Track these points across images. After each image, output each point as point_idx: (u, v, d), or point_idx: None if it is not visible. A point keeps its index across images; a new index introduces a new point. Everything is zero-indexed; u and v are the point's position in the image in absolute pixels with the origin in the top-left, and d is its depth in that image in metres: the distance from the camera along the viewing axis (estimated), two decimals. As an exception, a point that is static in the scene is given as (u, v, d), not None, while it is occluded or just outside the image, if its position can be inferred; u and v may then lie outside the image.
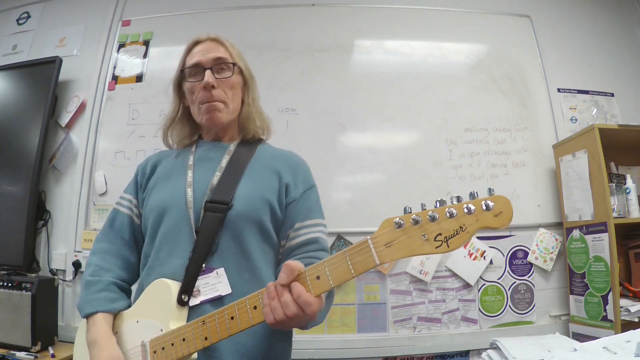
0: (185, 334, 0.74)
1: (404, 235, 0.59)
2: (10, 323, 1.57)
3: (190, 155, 0.96)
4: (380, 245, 0.60)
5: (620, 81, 2.06)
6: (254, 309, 0.69)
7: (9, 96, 2.00)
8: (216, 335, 0.71)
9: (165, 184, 0.92)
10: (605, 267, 1.51)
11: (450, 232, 0.57)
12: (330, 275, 0.64)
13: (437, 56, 1.99)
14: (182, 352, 0.74)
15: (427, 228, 0.58)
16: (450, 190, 1.83)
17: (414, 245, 0.59)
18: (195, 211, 0.85)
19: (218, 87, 0.93)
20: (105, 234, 0.97)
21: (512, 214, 0.57)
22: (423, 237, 0.58)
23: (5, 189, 1.91)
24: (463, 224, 0.57)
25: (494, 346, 1.18)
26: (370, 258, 0.61)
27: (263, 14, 2.04)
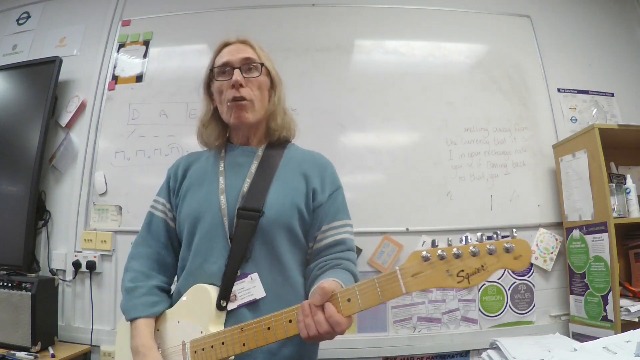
0: (225, 339, 0.80)
1: (430, 269, 0.66)
2: (10, 323, 1.57)
3: (220, 160, 0.99)
4: (407, 275, 0.67)
5: (620, 81, 2.06)
6: (289, 322, 0.75)
7: (9, 96, 2.00)
8: (254, 343, 0.78)
9: (198, 191, 0.96)
10: (605, 267, 1.51)
11: (472, 269, 0.64)
12: (360, 300, 0.70)
13: (437, 56, 1.99)
14: (220, 355, 0.80)
15: (452, 264, 0.65)
16: (450, 191, 1.83)
17: (438, 279, 0.65)
18: (229, 218, 0.89)
19: (246, 86, 0.95)
20: (143, 238, 1.01)
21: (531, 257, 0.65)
22: (447, 272, 0.65)
23: (5, 189, 1.91)
24: (484, 263, 0.64)
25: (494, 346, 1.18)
26: (398, 287, 0.68)
27: (263, 14, 2.04)
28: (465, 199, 1.83)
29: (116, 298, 1.79)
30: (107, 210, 1.86)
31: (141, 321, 0.89)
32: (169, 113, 1.93)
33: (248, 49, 1.01)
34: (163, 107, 1.94)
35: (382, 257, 1.74)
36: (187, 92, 1.95)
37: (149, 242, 1.00)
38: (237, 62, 0.97)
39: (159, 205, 1.02)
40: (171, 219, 1.01)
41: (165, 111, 1.93)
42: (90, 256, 1.79)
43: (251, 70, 0.97)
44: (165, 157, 1.88)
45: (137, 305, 0.91)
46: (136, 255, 1.00)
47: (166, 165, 1.84)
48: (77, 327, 1.78)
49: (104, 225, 1.85)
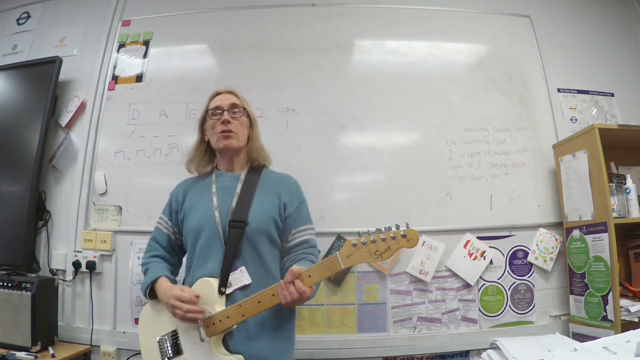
0: (229, 313, 1.14)
1: (356, 251, 1.06)
2: (10, 323, 1.57)
3: (212, 184, 1.30)
4: (343, 257, 1.07)
5: (620, 81, 2.06)
6: (272, 296, 1.12)
7: (9, 96, 2.00)
8: (249, 313, 1.13)
9: (197, 209, 1.27)
10: (605, 267, 1.51)
11: (383, 249, 1.04)
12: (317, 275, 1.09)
13: (437, 56, 1.99)
14: (227, 324, 1.14)
15: (369, 247, 1.04)
16: (450, 191, 1.83)
17: (363, 257, 1.05)
18: (223, 228, 1.21)
19: (232, 122, 1.28)
20: (150, 245, 1.35)
21: (417, 239, 1.04)
22: (367, 253, 1.05)
23: (5, 189, 1.91)
24: (389, 245, 1.03)
25: (494, 346, 1.18)
26: (338, 263, 1.07)
27: (263, 14, 2.04)
28: (465, 199, 1.83)
29: (116, 298, 1.79)
30: (107, 210, 1.86)
31: (162, 278, 1.22)
32: (169, 113, 1.93)
33: (233, 97, 1.33)
34: (163, 107, 1.94)
35: (382, 257, 1.74)
36: (187, 92, 1.95)
37: (156, 247, 1.34)
38: (226, 107, 1.29)
39: (163, 222, 1.36)
40: (172, 232, 1.34)
41: (165, 111, 1.93)
42: (90, 256, 1.79)
43: (236, 113, 1.30)
44: (165, 157, 1.88)
45: (156, 271, 1.24)
46: (147, 256, 1.32)
47: (166, 165, 1.87)
48: (77, 327, 1.78)
49: (104, 225, 1.85)
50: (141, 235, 1.81)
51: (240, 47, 2.00)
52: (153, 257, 1.31)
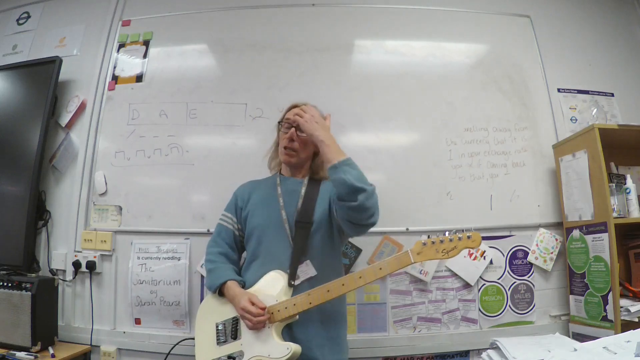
0: (295, 301, 1.22)
1: (426, 249, 1.18)
2: (10, 323, 1.57)
3: (277, 186, 1.41)
4: (414, 253, 1.19)
5: (620, 81, 2.06)
6: (342, 285, 1.20)
7: (9, 96, 2.00)
8: (317, 300, 1.20)
9: (264, 207, 1.37)
10: (605, 267, 1.51)
11: (449, 248, 1.17)
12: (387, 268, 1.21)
13: (437, 56, 1.99)
14: (293, 311, 1.21)
15: (438, 246, 1.18)
16: (450, 191, 1.83)
17: (431, 254, 1.18)
18: (290, 226, 1.32)
19: (296, 140, 1.36)
20: (215, 241, 1.42)
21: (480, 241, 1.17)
22: (436, 250, 1.18)
23: (5, 189, 1.91)
24: (456, 245, 1.17)
25: (494, 346, 1.18)
26: (408, 258, 1.19)
27: (263, 14, 2.04)
28: (465, 199, 1.83)
29: (116, 298, 1.79)
30: (107, 210, 1.86)
31: (230, 282, 1.30)
32: (169, 113, 1.93)
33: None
34: (163, 107, 1.94)
35: (382, 257, 1.74)
36: (187, 92, 1.95)
37: (220, 244, 1.41)
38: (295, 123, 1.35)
39: (227, 219, 1.43)
40: (237, 229, 1.42)
41: (165, 111, 1.93)
42: (90, 256, 1.79)
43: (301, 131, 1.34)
44: (165, 157, 1.88)
45: (223, 275, 1.32)
46: (213, 252, 1.40)
47: (166, 165, 1.87)
48: (77, 327, 1.78)
49: (104, 225, 1.85)
50: (141, 235, 1.81)
51: (240, 47, 2.00)
52: (219, 254, 1.38)
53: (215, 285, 1.32)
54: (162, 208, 1.83)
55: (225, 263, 1.37)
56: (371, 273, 1.19)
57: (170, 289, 1.74)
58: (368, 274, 1.19)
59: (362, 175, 1.17)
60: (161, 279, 1.75)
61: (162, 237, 1.80)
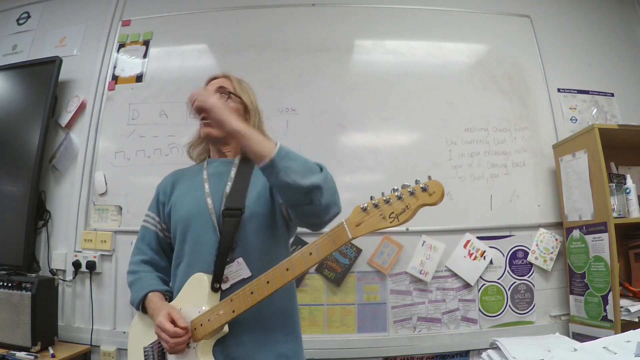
0: (220, 309, 0.95)
1: (367, 217, 0.82)
2: (10, 323, 1.57)
3: (203, 171, 1.14)
4: (352, 225, 0.83)
5: (620, 81, 2.06)
6: (267, 284, 0.90)
7: (9, 96, 2.00)
8: (240, 307, 0.92)
9: (187, 197, 1.11)
10: (605, 267, 1.51)
11: (399, 210, 0.79)
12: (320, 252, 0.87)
13: (437, 56, 1.99)
14: (216, 324, 0.94)
15: (383, 209, 0.80)
16: (450, 191, 1.83)
17: (375, 223, 0.81)
18: (216, 216, 1.04)
19: None
20: (137, 247, 1.18)
21: (442, 192, 0.77)
22: (381, 216, 0.80)
23: (5, 189, 1.91)
24: (408, 204, 0.78)
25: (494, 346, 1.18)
26: (345, 234, 0.84)
27: (263, 14, 2.04)
28: (465, 199, 1.83)
29: (116, 298, 1.79)
30: (107, 210, 1.86)
31: (151, 295, 1.06)
32: (169, 113, 1.93)
33: (226, 81, 1.19)
34: (163, 107, 1.94)
35: (382, 257, 1.74)
36: (187, 92, 1.90)
37: (144, 250, 1.16)
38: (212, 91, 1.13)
39: (150, 219, 1.18)
40: (161, 230, 1.17)
41: (165, 111, 1.93)
42: (90, 256, 1.79)
43: (222, 96, 1.13)
44: (165, 157, 1.88)
45: (144, 286, 1.08)
46: (135, 261, 1.16)
47: (166, 165, 1.85)
48: (77, 327, 1.78)
49: (104, 225, 1.85)
50: (141, 235, 1.81)
51: (240, 47, 2.00)
52: (142, 263, 1.14)
53: (137, 300, 1.07)
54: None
55: (149, 272, 1.13)
56: (300, 262, 0.87)
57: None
58: (297, 264, 0.88)
59: (305, 163, 0.90)
60: (161, 279, 1.75)
61: (162, 237, 1.80)
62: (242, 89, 1.21)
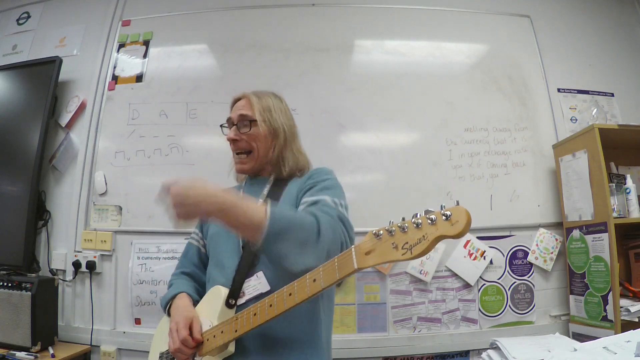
0: (224, 327, 0.91)
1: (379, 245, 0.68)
2: (10, 323, 1.57)
3: (241, 189, 1.16)
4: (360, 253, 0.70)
5: (620, 81, 2.06)
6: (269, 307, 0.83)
7: (9, 96, 2.00)
8: (242, 328, 0.87)
9: None
10: (605, 267, 1.51)
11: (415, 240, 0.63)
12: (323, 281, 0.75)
13: (437, 56, 1.99)
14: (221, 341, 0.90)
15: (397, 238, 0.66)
16: (450, 191, 1.83)
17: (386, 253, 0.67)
18: None
19: (241, 139, 1.10)
20: (180, 262, 1.21)
21: (467, 222, 0.61)
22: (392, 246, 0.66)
23: (5, 189, 1.91)
24: (425, 233, 0.63)
25: (494, 346, 1.18)
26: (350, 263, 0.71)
27: (263, 14, 2.04)
28: (465, 199, 1.80)
29: (116, 298, 1.79)
30: (107, 210, 1.86)
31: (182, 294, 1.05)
32: (169, 113, 1.93)
33: (246, 106, 1.12)
34: (163, 107, 1.94)
35: (382, 257, 1.74)
36: (187, 92, 1.95)
37: (185, 264, 1.18)
38: (236, 120, 1.11)
39: (195, 235, 1.21)
40: (203, 245, 1.18)
41: (165, 111, 1.93)
42: (90, 256, 1.79)
43: (245, 127, 1.10)
44: (165, 157, 1.88)
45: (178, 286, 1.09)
46: (175, 273, 1.18)
47: (166, 165, 1.87)
48: (77, 327, 1.78)
49: (104, 225, 1.85)
50: (141, 235, 1.81)
51: (240, 47, 2.00)
52: (180, 274, 1.16)
53: (167, 299, 1.07)
54: (162, 208, 1.83)
55: (188, 281, 1.13)
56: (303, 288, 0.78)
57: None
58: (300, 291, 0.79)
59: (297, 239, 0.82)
60: (161, 279, 1.75)
61: (162, 237, 1.80)
62: (264, 107, 1.13)
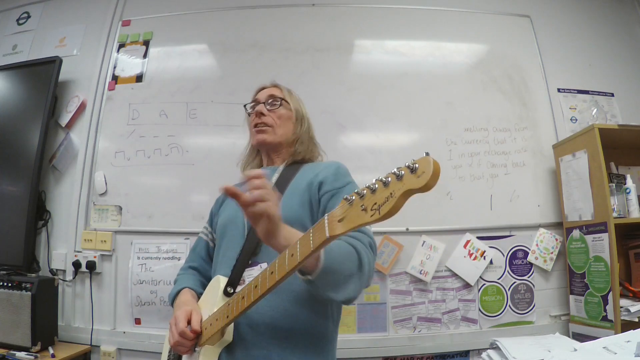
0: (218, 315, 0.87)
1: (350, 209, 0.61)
2: (10, 323, 1.57)
3: None
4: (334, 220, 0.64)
5: (620, 81, 2.06)
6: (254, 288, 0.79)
7: (9, 96, 2.00)
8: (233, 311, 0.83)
9: (229, 205, 1.12)
10: (605, 267, 1.51)
11: (382, 199, 0.57)
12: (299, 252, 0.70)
13: (437, 56, 1.99)
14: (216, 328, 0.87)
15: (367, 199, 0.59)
16: (450, 190, 1.83)
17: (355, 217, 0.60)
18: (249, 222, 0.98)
19: (267, 115, 1.14)
20: (189, 256, 1.21)
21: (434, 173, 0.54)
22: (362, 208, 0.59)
23: (5, 189, 1.91)
24: (392, 191, 0.57)
25: (494, 346, 1.18)
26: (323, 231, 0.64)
27: (263, 14, 2.04)
28: (465, 199, 1.83)
29: (116, 298, 1.79)
30: (107, 210, 1.86)
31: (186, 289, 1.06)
32: (169, 113, 1.93)
33: (276, 90, 1.21)
34: (163, 107, 1.94)
35: (382, 257, 1.74)
36: (187, 92, 1.95)
37: (193, 258, 1.18)
38: (264, 99, 1.17)
39: (205, 229, 1.21)
40: (212, 240, 1.17)
41: (165, 111, 1.93)
42: (90, 256, 1.79)
43: (273, 105, 1.16)
44: (165, 157, 1.88)
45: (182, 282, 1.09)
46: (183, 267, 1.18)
47: (166, 165, 1.87)
48: (77, 327, 1.78)
49: (104, 225, 1.85)
50: (141, 235, 1.81)
51: (240, 47, 2.00)
52: (188, 268, 1.16)
53: (172, 295, 1.09)
54: (162, 208, 1.83)
55: (194, 275, 1.13)
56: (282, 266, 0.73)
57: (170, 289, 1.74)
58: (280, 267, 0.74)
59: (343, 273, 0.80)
60: (161, 279, 1.75)
61: (162, 237, 1.80)
62: (292, 97, 1.22)
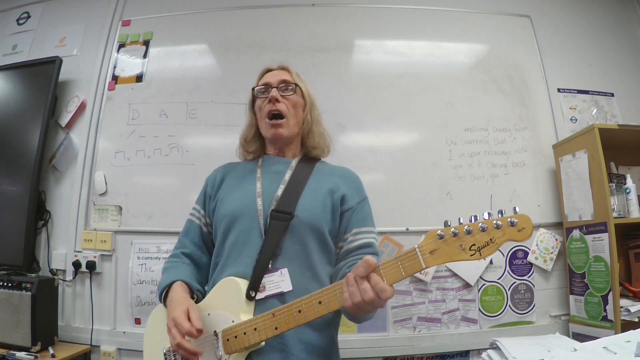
0: (257, 324, 0.86)
1: (444, 245, 0.73)
2: (10, 323, 1.57)
3: (257, 168, 1.10)
4: (425, 252, 0.74)
5: (620, 81, 2.06)
6: (318, 304, 0.81)
7: (9, 96, 2.00)
8: (285, 326, 0.84)
9: (236, 194, 1.05)
10: (605, 267, 1.51)
11: (482, 243, 0.71)
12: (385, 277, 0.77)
13: (437, 56, 1.99)
14: (253, 340, 0.86)
15: (463, 240, 0.72)
16: (450, 191, 1.83)
17: (453, 253, 0.73)
18: (264, 218, 0.98)
19: (281, 102, 1.08)
20: (180, 241, 1.12)
21: (532, 229, 0.72)
22: (460, 247, 0.72)
23: (5, 189, 1.91)
24: (492, 237, 0.71)
25: (494, 346, 1.18)
26: (418, 263, 0.74)
27: (263, 14, 2.04)
28: (465, 199, 1.83)
29: (116, 298, 1.79)
30: (107, 210, 1.86)
31: (177, 283, 0.98)
32: (169, 113, 1.93)
33: (285, 73, 1.15)
34: (163, 107, 1.94)
35: (382, 257, 1.74)
36: (187, 92, 1.95)
37: (186, 244, 1.10)
38: (275, 83, 1.10)
39: (196, 212, 1.13)
40: (205, 224, 1.11)
41: (165, 111, 1.93)
42: (90, 256, 1.79)
43: (287, 90, 1.10)
44: (165, 157, 1.88)
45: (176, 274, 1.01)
46: (175, 253, 1.10)
47: (166, 165, 1.87)
48: (77, 327, 1.78)
49: (104, 225, 1.85)
50: (141, 235, 1.81)
51: (240, 47, 2.00)
52: (181, 254, 1.08)
53: (162, 286, 0.99)
54: (162, 208, 1.83)
55: (188, 265, 1.06)
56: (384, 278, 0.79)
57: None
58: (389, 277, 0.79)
59: None
60: (161, 279, 1.76)
61: (162, 237, 1.80)
62: (302, 81, 1.18)
